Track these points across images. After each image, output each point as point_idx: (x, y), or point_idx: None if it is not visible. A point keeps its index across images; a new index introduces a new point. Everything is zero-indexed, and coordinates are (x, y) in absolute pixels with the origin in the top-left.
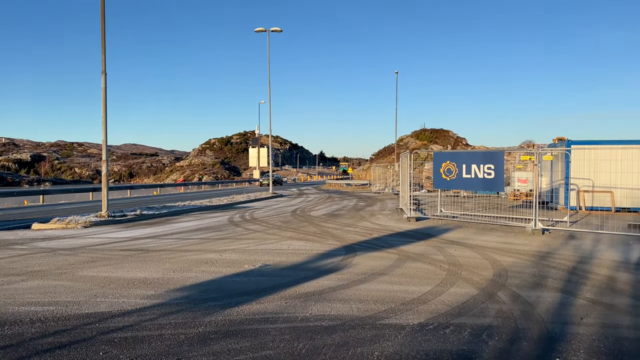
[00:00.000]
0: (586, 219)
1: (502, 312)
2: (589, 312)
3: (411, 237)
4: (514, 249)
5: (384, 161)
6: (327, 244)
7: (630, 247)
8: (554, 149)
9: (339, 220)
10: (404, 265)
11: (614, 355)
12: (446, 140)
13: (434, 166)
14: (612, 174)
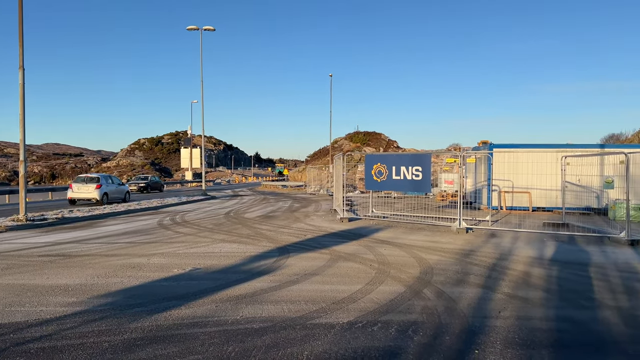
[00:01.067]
0: (506, 218)
1: (427, 308)
2: (506, 305)
3: (344, 237)
4: (440, 248)
5: (320, 163)
6: (260, 246)
7: (545, 244)
8: (478, 152)
9: (273, 221)
10: (335, 265)
11: (527, 345)
12: (379, 142)
13: (366, 168)
14: (530, 175)
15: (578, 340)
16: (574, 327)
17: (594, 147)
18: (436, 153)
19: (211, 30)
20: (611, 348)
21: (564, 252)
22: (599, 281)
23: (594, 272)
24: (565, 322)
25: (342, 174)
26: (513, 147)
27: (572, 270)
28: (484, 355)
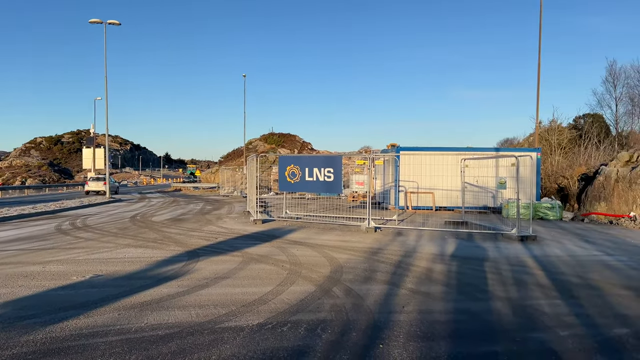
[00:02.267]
0: (412, 217)
1: (336, 306)
2: (409, 300)
3: (256, 239)
4: (350, 247)
5: (233, 164)
6: (168, 250)
7: (446, 241)
8: (386, 155)
9: (183, 225)
10: (247, 267)
11: (427, 337)
12: (293, 144)
13: (279, 170)
14: (433, 177)
15: (472, 330)
16: (469, 318)
17: (490, 150)
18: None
19: (116, 25)
20: (501, 336)
21: (462, 248)
22: (492, 275)
23: (489, 267)
24: (462, 314)
25: (256, 176)
26: (418, 150)
27: (470, 265)
28: (387, 349)
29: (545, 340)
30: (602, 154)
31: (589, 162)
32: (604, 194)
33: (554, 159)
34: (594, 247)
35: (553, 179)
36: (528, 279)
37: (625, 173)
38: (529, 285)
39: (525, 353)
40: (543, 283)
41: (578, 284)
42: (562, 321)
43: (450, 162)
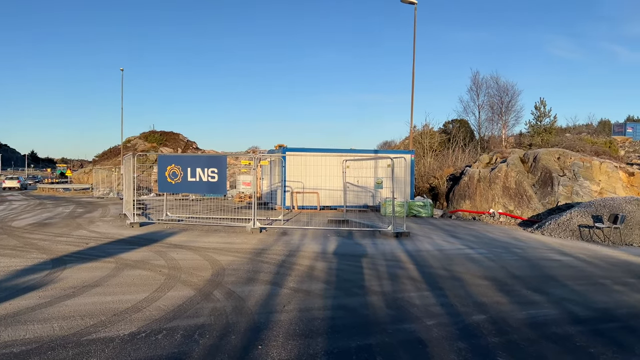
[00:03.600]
0: (297, 217)
1: (216, 309)
2: (290, 299)
3: (133, 243)
4: (234, 248)
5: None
6: (29, 259)
7: (328, 239)
8: (272, 155)
9: (49, 229)
10: (121, 274)
11: (306, 335)
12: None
13: (159, 170)
14: (318, 177)
15: (349, 325)
16: (346, 314)
17: (370, 152)
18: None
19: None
20: (375, 329)
21: (343, 245)
22: (369, 270)
23: (366, 263)
24: (340, 310)
25: (133, 176)
26: (304, 151)
27: (349, 262)
28: (266, 350)
29: (414, 330)
30: (467, 156)
31: (456, 163)
32: (468, 192)
33: (427, 160)
34: (459, 242)
35: (425, 179)
36: (401, 273)
37: (485, 174)
38: (401, 279)
39: (396, 344)
40: (414, 276)
41: (444, 276)
42: (430, 311)
43: (334, 163)
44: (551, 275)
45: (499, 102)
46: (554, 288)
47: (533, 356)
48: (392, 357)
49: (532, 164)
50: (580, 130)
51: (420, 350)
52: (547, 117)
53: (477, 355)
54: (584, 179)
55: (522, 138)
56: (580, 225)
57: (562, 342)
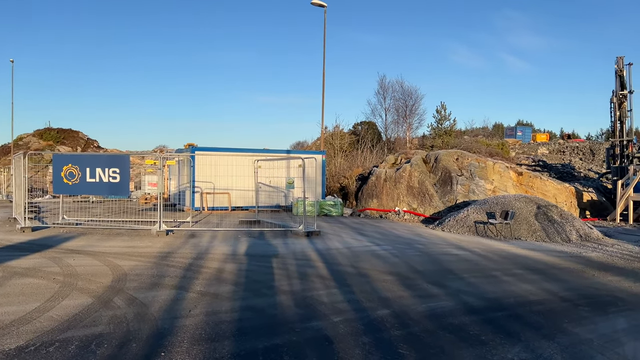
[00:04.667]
0: (207, 218)
1: (116, 317)
2: (197, 304)
3: (23, 249)
4: (138, 252)
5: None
6: None
7: (239, 241)
8: (181, 154)
9: None
10: (8, 283)
11: (212, 339)
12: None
13: (54, 170)
14: (229, 177)
15: (257, 326)
16: (254, 315)
17: (282, 152)
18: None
19: None
20: (283, 328)
21: (254, 246)
22: (279, 270)
23: (277, 263)
24: (248, 311)
25: (24, 176)
26: (214, 151)
27: (259, 263)
28: (170, 356)
29: (322, 328)
30: (375, 157)
31: (365, 164)
32: (375, 191)
33: (337, 161)
34: (366, 239)
35: (336, 179)
36: (311, 271)
37: (391, 174)
38: (311, 278)
39: (303, 342)
40: (323, 274)
41: (352, 273)
42: (337, 308)
43: (246, 163)
44: (449, 269)
45: (403, 105)
46: (451, 281)
47: (431, 346)
48: (299, 356)
49: (433, 165)
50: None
51: (326, 347)
52: (447, 120)
53: (380, 349)
54: (480, 178)
55: (424, 140)
56: (476, 221)
57: (457, 332)
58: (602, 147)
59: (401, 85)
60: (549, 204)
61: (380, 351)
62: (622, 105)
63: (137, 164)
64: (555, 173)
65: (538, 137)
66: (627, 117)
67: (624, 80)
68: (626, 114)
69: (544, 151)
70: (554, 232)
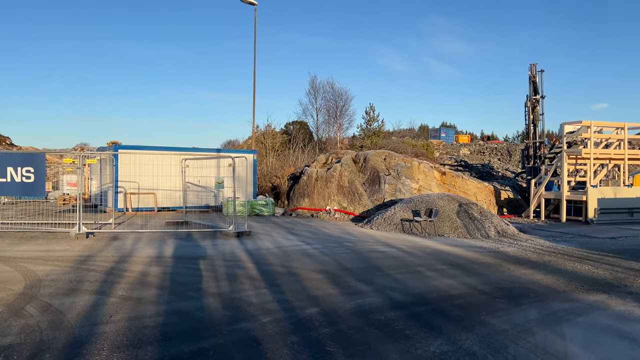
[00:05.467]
0: (131, 220)
1: (28, 326)
2: (119, 309)
3: None
4: (54, 257)
5: None
6: None
7: (165, 243)
8: (103, 153)
9: None
10: None
11: (134, 345)
12: None
13: None
14: (155, 177)
15: (183, 330)
16: (179, 319)
17: (212, 151)
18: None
19: None
20: (210, 331)
21: (181, 248)
22: (207, 272)
23: (205, 264)
24: (173, 315)
25: None
26: (138, 149)
27: (186, 265)
28: None
29: (250, 329)
30: (307, 156)
31: (297, 163)
32: (307, 191)
33: (269, 160)
34: (298, 238)
35: (268, 179)
36: (240, 272)
37: (322, 173)
38: (240, 279)
39: (230, 344)
40: (253, 275)
41: (282, 272)
42: (266, 309)
43: (173, 162)
44: (377, 266)
45: (334, 106)
46: (378, 278)
47: (358, 343)
48: (226, 358)
49: (362, 164)
50: (404, 134)
51: (254, 348)
52: (375, 121)
53: (308, 348)
54: (406, 177)
55: (354, 140)
56: (402, 219)
57: (383, 327)
58: (518, 148)
59: (332, 86)
60: (470, 202)
61: (309, 350)
62: (535, 109)
63: (55, 162)
64: (476, 173)
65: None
66: (539, 121)
67: (537, 85)
68: (539, 117)
69: (466, 152)
70: (474, 229)
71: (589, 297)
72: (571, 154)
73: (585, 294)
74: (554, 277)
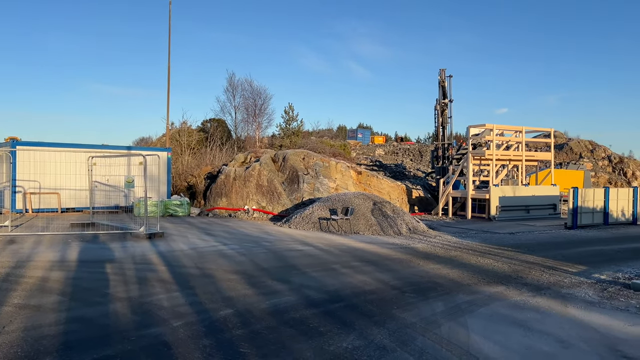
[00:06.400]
0: (32, 222)
1: None
2: (14, 318)
3: None
4: None
5: None
6: None
7: (69, 246)
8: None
9: None
10: None
11: (29, 357)
12: None
13: None
14: (59, 175)
15: (86, 338)
16: (83, 326)
17: (123, 148)
18: None
19: None
20: (117, 338)
21: (87, 251)
22: (115, 276)
23: (112, 268)
24: (76, 323)
25: None
26: (40, 146)
27: (92, 269)
28: None
29: (160, 334)
30: (225, 155)
31: (214, 162)
32: (225, 190)
33: (185, 158)
34: (214, 239)
35: (183, 178)
36: (151, 275)
37: (241, 172)
38: (151, 282)
39: (139, 350)
40: (165, 278)
41: (196, 274)
42: (178, 312)
43: (79, 160)
44: (294, 264)
45: (253, 104)
46: (295, 276)
47: (272, 342)
48: None
49: (281, 164)
50: (323, 134)
51: (164, 353)
52: (295, 121)
53: (221, 350)
54: (324, 177)
55: (274, 139)
56: (320, 217)
57: (298, 326)
58: (428, 149)
59: (250, 84)
60: (384, 201)
61: (221, 352)
62: (444, 113)
63: None
64: (390, 172)
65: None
66: (448, 123)
67: (445, 90)
68: (447, 120)
69: (381, 152)
70: (387, 226)
71: (490, 289)
72: (476, 155)
73: (487, 286)
74: (459, 271)
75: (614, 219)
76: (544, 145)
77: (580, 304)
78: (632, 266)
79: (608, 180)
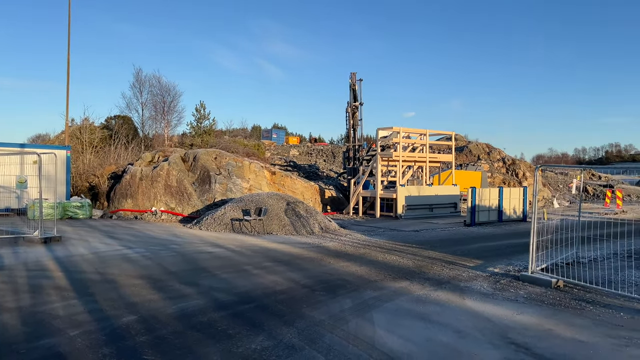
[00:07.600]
0: None
1: None
2: None
3: None
4: None
5: None
6: None
7: None
8: None
9: None
10: None
11: None
12: None
13: None
14: None
15: None
16: None
17: (15, 146)
18: None
19: None
20: (3, 350)
21: None
22: (4, 284)
23: (1, 276)
24: None
25: None
26: None
27: None
28: None
29: (54, 345)
30: (131, 153)
31: (119, 161)
32: (130, 191)
33: (86, 157)
34: (117, 243)
35: (85, 178)
36: (46, 283)
37: (148, 172)
38: (46, 290)
39: None
40: (62, 285)
41: (97, 280)
42: (75, 320)
43: None
44: (203, 267)
45: (161, 101)
46: (204, 279)
47: (178, 348)
48: None
49: (192, 163)
50: (237, 134)
51: None
52: (206, 119)
53: (122, 358)
54: (237, 177)
55: (184, 138)
56: (232, 218)
57: (206, 329)
58: (340, 150)
59: (159, 80)
60: (297, 201)
61: None
62: (355, 115)
63: None
64: (304, 173)
65: (290, 139)
66: (358, 125)
67: (356, 93)
68: (358, 122)
69: (295, 153)
70: (300, 226)
71: (395, 285)
72: (384, 156)
73: (392, 281)
74: (367, 268)
75: (507, 216)
76: (446, 147)
77: (476, 296)
78: (521, 259)
79: (502, 180)
